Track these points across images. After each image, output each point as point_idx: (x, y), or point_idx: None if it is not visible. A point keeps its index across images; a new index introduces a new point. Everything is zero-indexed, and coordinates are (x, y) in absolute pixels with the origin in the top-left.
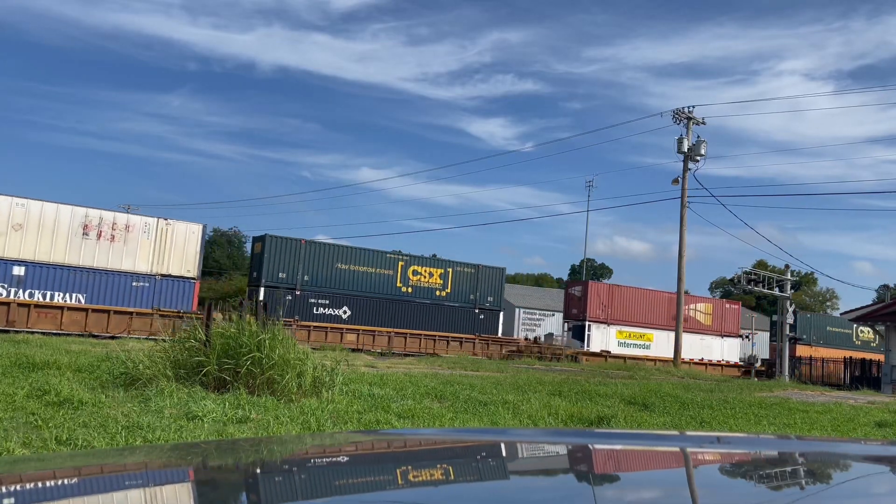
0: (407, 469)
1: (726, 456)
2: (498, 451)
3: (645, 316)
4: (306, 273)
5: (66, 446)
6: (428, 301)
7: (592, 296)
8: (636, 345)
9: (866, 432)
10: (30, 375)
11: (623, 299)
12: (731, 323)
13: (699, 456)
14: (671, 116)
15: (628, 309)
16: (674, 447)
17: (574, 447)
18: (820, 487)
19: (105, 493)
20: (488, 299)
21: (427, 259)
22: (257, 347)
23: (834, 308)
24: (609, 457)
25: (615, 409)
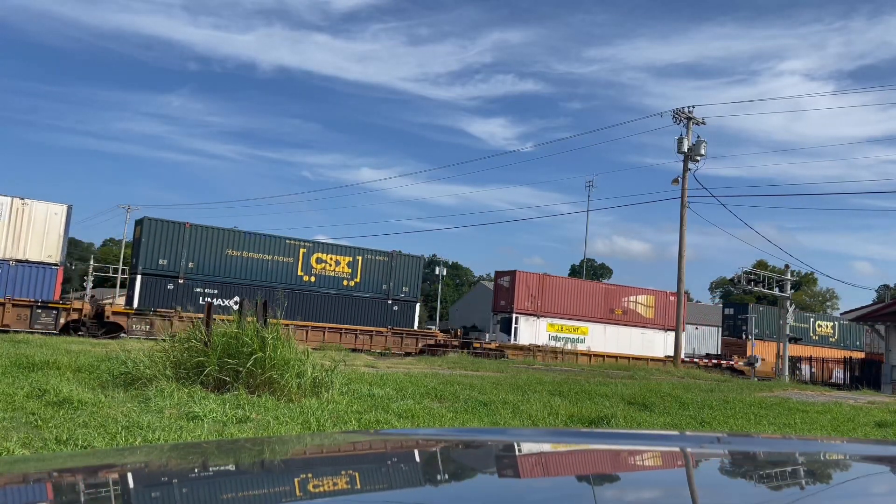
0: (407, 469)
1: (726, 456)
2: (498, 451)
3: (579, 308)
4: (191, 260)
5: (66, 446)
6: (334, 291)
7: (520, 286)
8: (569, 338)
9: (866, 432)
10: (30, 375)
11: (555, 291)
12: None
13: (699, 456)
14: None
15: (561, 301)
16: (674, 447)
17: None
18: (820, 487)
19: (105, 493)
20: (403, 290)
21: (333, 246)
22: (259, 347)
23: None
24: (609, 457)
25: (615, 409)
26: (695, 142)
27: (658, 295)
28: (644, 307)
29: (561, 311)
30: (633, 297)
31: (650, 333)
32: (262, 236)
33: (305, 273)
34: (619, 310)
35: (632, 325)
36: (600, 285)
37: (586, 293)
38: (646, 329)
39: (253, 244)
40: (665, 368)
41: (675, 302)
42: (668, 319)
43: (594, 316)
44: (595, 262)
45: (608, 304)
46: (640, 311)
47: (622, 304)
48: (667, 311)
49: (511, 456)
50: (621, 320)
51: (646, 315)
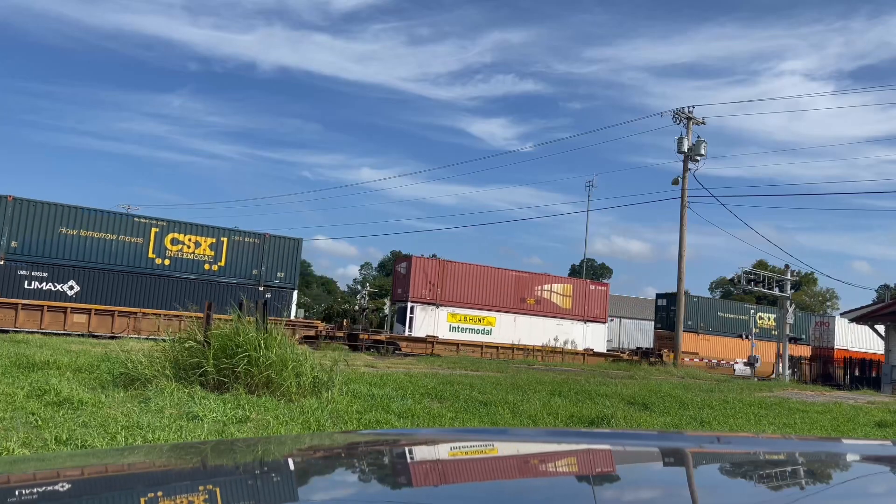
0: (407, 469)
1: (726, 456)
2: (498, 451)
3: (486, 297)
4: (14, 238)
5: (66, 446)
6: (193, 276)
7: (417, 273)
8: (473, 329)
9: (866, 432)
10: (30, 375)
11: (457, 278)
12: (597, 306)
13: (699, 456)
14: (671, 116)
15: (464, 289)
16: (674, 447)
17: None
18: (820, 487)
19: (105, 493)
20: (278, 275)
21: (192, 225)
22: (253, 347)
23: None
24: (609, 457)
25: (615, 409)
26: (695, 142)
27: (576, 284)
28: (560, 296)
29: (464, 299)
30: (548, 286)
31: (567, 325)
32: (104, 213)
33: (158, 255)
34: (531, 299)
35: (546, 315)
36: (510, 273)
37: (494, 281)
38: (562, 320)
39: (92, 222)
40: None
41: (596, 291)
42: (587, 310)
43: (503, 305)
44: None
45: (519, 292)
46: (555, 301)
47: (535, 293)
48: (587, 300)
49: (511, 456)
50: (534, 310)
51: (562, 305)
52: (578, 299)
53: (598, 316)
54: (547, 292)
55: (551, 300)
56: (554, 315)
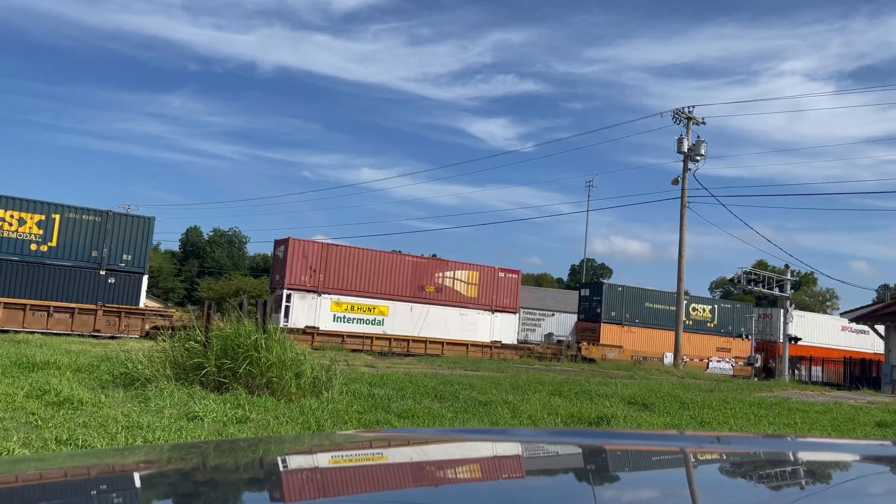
0: (407, 469)
1: (726, 456)
2: (498, 451)
3: (377, 284)
4: None
5: (66, 446)
6: (16, 257)
7: (295, 257)
8: (362, 320)
9: (866, 432)
10: (30, 375)
11: (343, 263)
12: (507, 296)
13: (699, 456)
14: (671, 116)
15: (351, 275)
16: (674, 447)
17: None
18: (820, 487)
19: (105, 493)
20: (124, 258)
21: (15, 200)
22: (254, 348)
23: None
24: (609, 457)
25: (615, 409)
26: (695, 142)
27: (483, 270)
28: (465, 284)
29: (351, 286)
30: (451, 273)
31: (472, 315)
32: None
33: None
34: (431, 287)
35: (448, 304)
36: (407, 258)
37: (387, 266)
38: (466, 309)
39: None
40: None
41: (506, 279)
42: (496, 299)
43: (397, 293)
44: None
45: (417, 279)
46: (458, 289)
47: (435, 281)
48: (495, 289)
49: (511, 456)
50: (434, 299)
51: (466, 293)
52: (485, 287)
53: (508, 305)
54: (449, 279)
55: (454, 288)
56: (457, 304)
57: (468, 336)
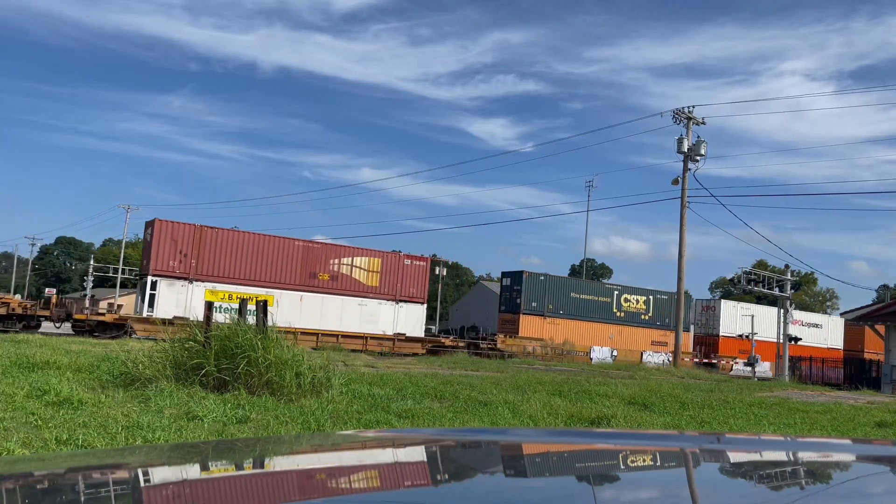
0: (407, 469)
1: (726, 456)
2: (498, 451)
3: (261, 271)
4: None
5: (66, 446)
6: None
7: (162, 240)
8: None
9: (866, 432)
10: (30, 375)
11: (221, 247)
12: (414, 284)
13: (699, 456)
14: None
15: (230, 261)
16: (674, 447)
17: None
18: (820, 487)
19: (105, 493)
20: None
21: None
22: (252, 348)
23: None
24: (609, 457)
25: (615, 409)
26: (695, 142)
27: (386, 257)
28: (364, 272)
29: (230, 273)
30: (348, 259)
31: (373, 305)
32: None
33: None
34: (324, 274)
35: (345, 293)
36: (297, 242)
37: (273, 252)
38: (366, 299)
39: None
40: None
41: (413, 267)
42: (402, 288)
43: (285, 281)
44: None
45: (308, 266)
46: (357, 277)
47: (330, 267)
48: (399, 277)
49: (511, 456)
50: (329, 287)
51: (366, 282)
52: (389, 275)
53: (414, 295)
54: (346, 266)
55: (352, 276)
56: (356, 293)
57: (368, 328)
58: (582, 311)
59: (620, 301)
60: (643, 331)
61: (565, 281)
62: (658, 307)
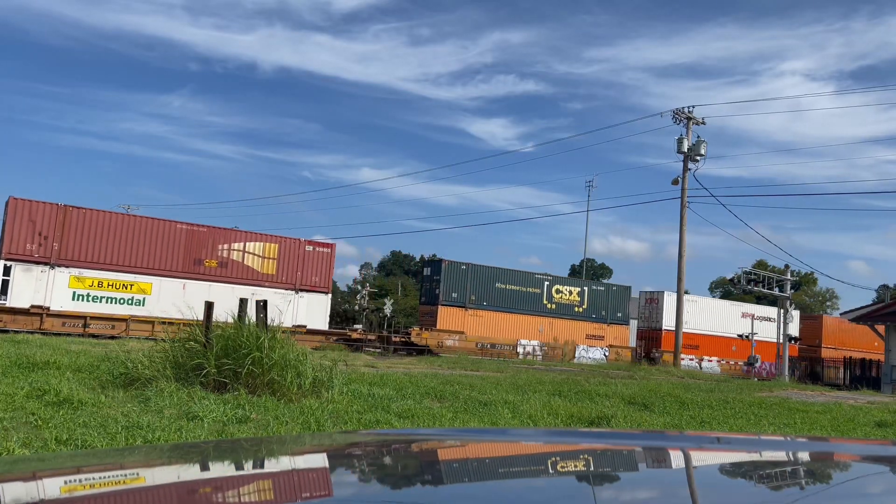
0: (407, 469)
1: (726, 456)
2: (498, 451)
3: (137, 257)
4: None
5: (66, 446)
6: None
7: (18, 220)
8: (116, 299)
9: (866, 432)
10: (30, 375)
11: (88, 229)
12: (317, 272)
13: (699, 456)
14: (671, 116)
15: (100, 244)
16: (674, 447)
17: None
18: (820, 487)
19: (105, 493)
20: None
21: None
22: (257, 347)
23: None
24: (609, 457)
25: (615, 409)
26: (695, 142)
27: (284, 243)
28: (259, 258)
29: (99, 258)
30: (240, 245)
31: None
32: None
33: None
34: (212, 260)
35: (237, 281)
36: (179, 226)
37: (151, 236)
38: (261, 288)
39: None
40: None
41: (315, 254)
42: (302, 276)
43: (165, 267)
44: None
45: (193, 251)
46: (250, 264)
47: (219, 254)
48: (301, 265)
49: (511, 456)
50: (217, 275)
51: (262, 269)
52: (287, 262)
53: (317, 284)
54: (238, 252)
55: (244, 262)
56: (249, 282)
57: None
58: (508, 303)
59: (552, 292)
60: (577, 324)
61: (489, 270)
62: (594, 299)
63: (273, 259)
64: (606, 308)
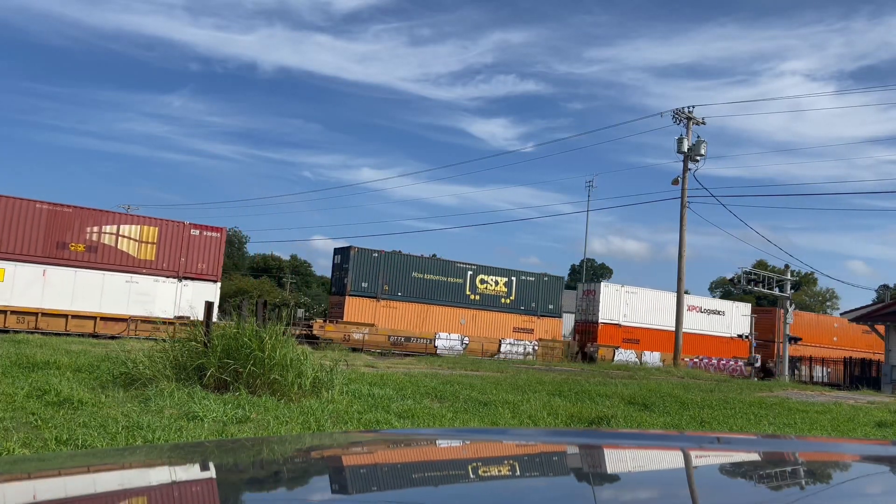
0: (407, 469)
1: (726, 456)
2: (498, 451)
3: None
4: None
5: (66, 446)
6: None
7: None
8: None
9: (866, 432)
10: (30, 375)
11: None
12: (204, 259)
13: (699, 456)
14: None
15: None
16: (674, 447)
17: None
18: (820, 487)
19: (105, 493)
20: None
21: None
22: (259, 347)
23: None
24: (609, 457)
25: (615, 409)
26: (695, 142)
27: (165, 226)
28: (135, 242)
29: None
30: (112, 227)
31: (147, 283)
32: None
33: None
34: (78, 245)
35: (108, 267)
36: (39, 205)
37: (3, 215)
38: (137, 276)
39: None
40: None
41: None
42: (186, 263)
43: (22, 251)
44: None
45: (56, 234)
46: (125, 249)
47: (87, 237)
48: (185, 250)
49: (511, 456)
50: (85, 261)
51: (138, 254)
52: (169, 247)
53: (205, 272)
54: (110, 235)
55: (118, 247)
56: (123, 268)
57: (139, 310)
58: (427, 294)
59: (475, 282)
60: (504, 316)
61: (405, 258)
62: (522, 290)
63: (152, 243)
64: (537, 300)
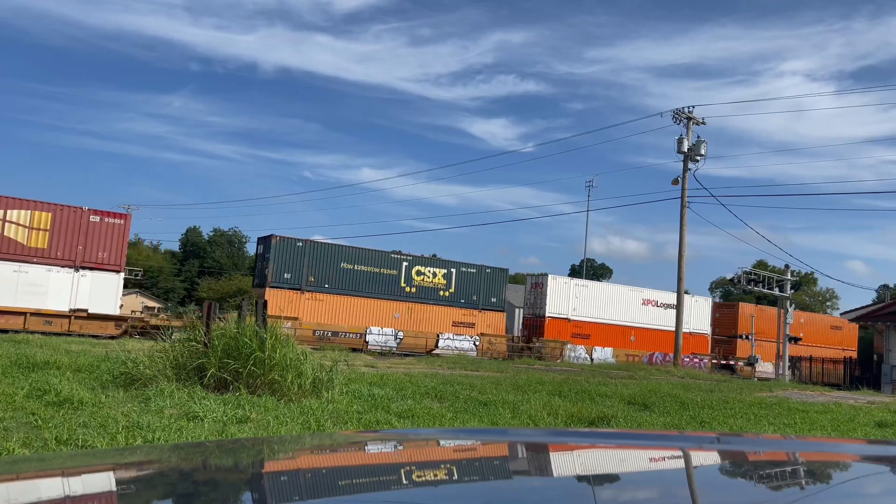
0: (407, 469)
1: (726, 456)
2: (498, 451)
3: None
4: None
5: (66, 446)
6: None
7: None
8: None
9: (866, 432)
10: (30, 375)
11: None
12: (105, 248)
13: (699, 456)
14: (671, 116)
15: None
16: (674, 447)
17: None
18: (820, 487)
19: (105, 493)
20: None
21: None
22: (259, 347)
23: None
24: (609, 457)
25: (615, 409)
26: (695, 142)
27: (59, 211)
28: (24, 229)
29: None
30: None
31: (37, 272)
32: None
33: None
34: None
35: None
36: None
37: None
38: (28, 265)
39: None
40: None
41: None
42: (84, 252)
43: None
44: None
45: None
46: (12, 235)
47: None
48: (83, 238)
49: (511, 456)
50: None
51: (28, 242)
52: (64, 235)
53: (105, 261)
54: None
55: (4, 233)
56: (10, 256)
57: (29, 302)
58: (357, 286)
59: (411, 274)
60: (442, 309)
61: (332, 248)
62: (462, 282)
63: (45, 230)
64: (478, 292)
